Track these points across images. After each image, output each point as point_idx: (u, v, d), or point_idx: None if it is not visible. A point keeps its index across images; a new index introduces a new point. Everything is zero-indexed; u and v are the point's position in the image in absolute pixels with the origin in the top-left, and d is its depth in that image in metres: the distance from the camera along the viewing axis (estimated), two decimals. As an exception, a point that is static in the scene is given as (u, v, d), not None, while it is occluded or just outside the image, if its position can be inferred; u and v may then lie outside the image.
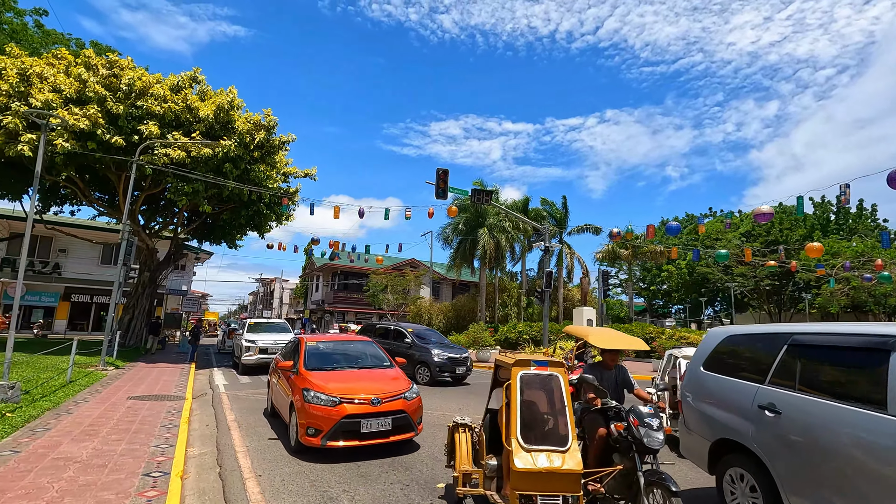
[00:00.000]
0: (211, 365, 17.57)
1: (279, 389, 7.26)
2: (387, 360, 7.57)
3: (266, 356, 14.06)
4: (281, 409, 7.12)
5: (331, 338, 8.08)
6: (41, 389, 8.31)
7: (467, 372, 13.31)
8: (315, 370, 6.65)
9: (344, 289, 49.70)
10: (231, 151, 16.70)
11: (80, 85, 15.38)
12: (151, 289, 20.91)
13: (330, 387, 6.02)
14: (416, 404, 6.31)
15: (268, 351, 14.17)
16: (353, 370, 6.99)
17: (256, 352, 14.10)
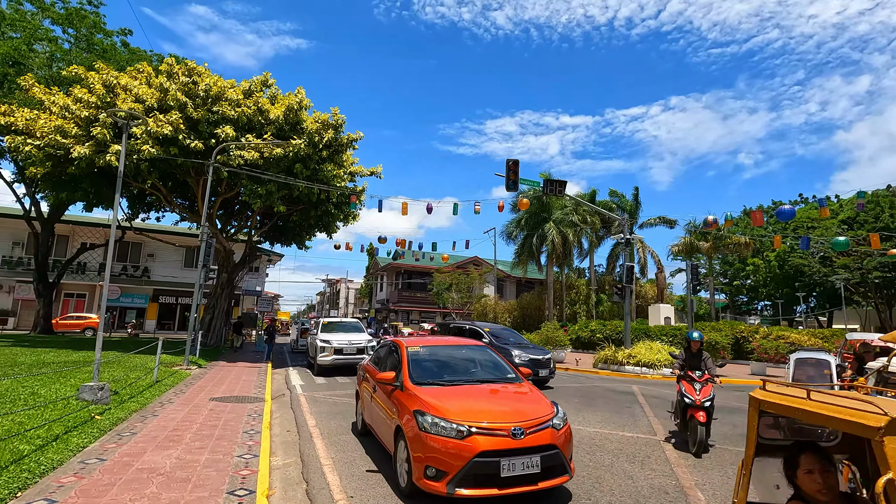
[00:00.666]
0: (286, 364, 17.74)
1: (375, 406, 5.86)
2: (510, 371, 5.87)
3: (341, 357, 13.81)
4: (381, 433, 5.65)
5: (434, 341, 6.64)
6: (129, 390, 8.33)
7: (550, 375, 12.32)
8: (425, 384, 5.19)
9: (408, 288, 49.86)
10: (301, 151, 16.73)
11: (161, 94, 15.97)
12: (229, 289, 21.58)
13: (451, 409, 4.49)
14: (567, 435, 4.63)
15: (343, 352, 13.87)
16: (474, 385, 5.37)
17: (331, 352, 13.75)
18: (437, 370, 5.70)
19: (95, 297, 34.55)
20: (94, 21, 22.65)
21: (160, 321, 36.74)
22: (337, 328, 15.37)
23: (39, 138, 14.70)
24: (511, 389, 5.33)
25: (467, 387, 5.30)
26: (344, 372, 14.13)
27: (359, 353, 13.98)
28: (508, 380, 5.64)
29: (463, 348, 6.48)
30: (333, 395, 10.32)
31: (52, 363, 10.70)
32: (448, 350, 6.36)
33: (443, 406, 4.56)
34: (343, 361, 13.84)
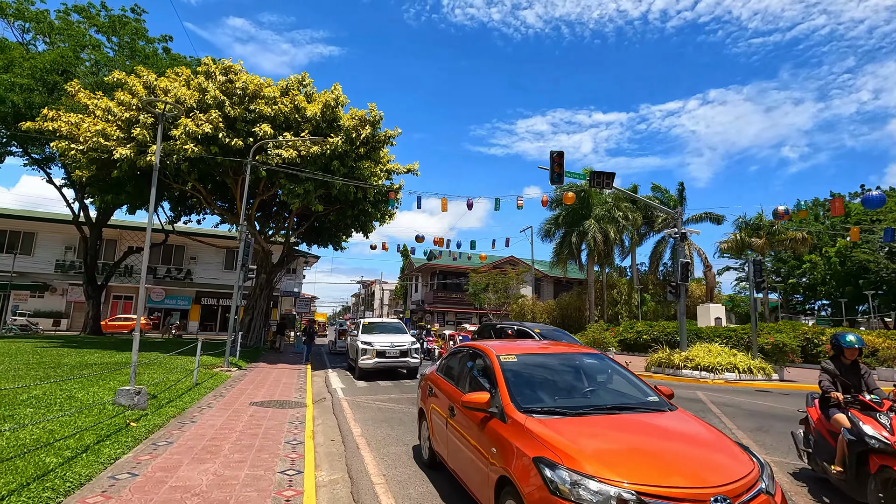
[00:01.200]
0: (325, 366, 17.40)
1: (454, 437, 4.25)
2: (650, 392, 4.06)
3: (384, 360, 13.07)
4: (467, 479, 3.97)
5: (529, 348, 4.97)
6: (168, 393, 7.97)
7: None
8: (539, 413, 3.45)
9: (443, 288, 49.33)
10: (338, 148, 16.38)
11: (199, 94, 15.92)
12: (268, 290, 21.52)
13: (595, 456, 2.86)
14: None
15: (385, 354, 13.11)
16: (611, 416, 3.52)
17: (373, 355, 12.98)
18: (548, 391, 3.98)
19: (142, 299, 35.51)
20: (136, 28, 23.09)
21: (202, 322, 37.49)
22: (378, 329, 14.64)
23: (83, 142, 14.87)
24: (668, 423, 3.50)
25: (600, 417, 3.46)
26: (386, 375, 13.58)
27: (402, 356, 13.28)
28: (652, 405, 3.80)
29: (573, 358, 4.63)
30: (377, 400, 9.74)
31: (94, 364, 10.59)
32: (553, 360, 4.61)
33: (580, 451, 2.88)
34: (386, 364, 13.14)
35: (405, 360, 13.29)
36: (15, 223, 33.37)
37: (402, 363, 13.33)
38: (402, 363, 13.33)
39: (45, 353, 12.78)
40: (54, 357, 11.69)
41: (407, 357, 13.30)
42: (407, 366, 13.45)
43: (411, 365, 13.44)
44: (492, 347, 4.63)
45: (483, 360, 4.49)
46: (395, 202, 19.25)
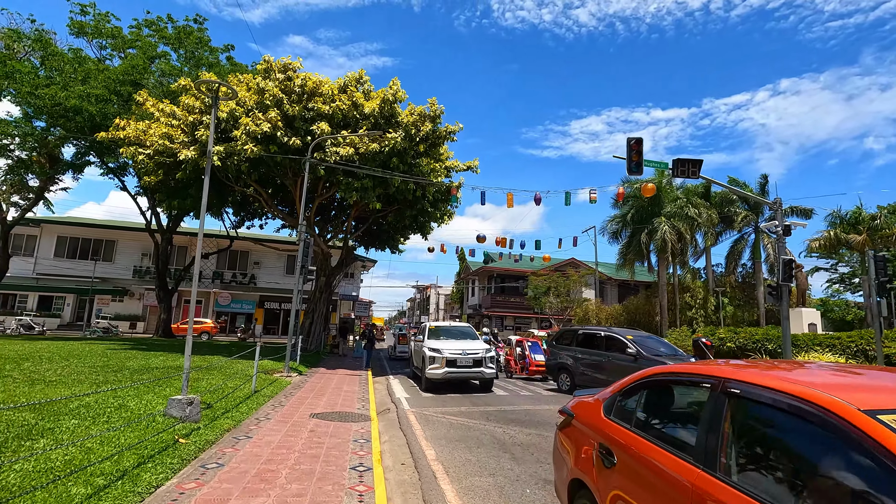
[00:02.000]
0: (385, 371, 16.67)
1: None
2: None
3: (455, 370, 11.49)
4: None
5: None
6: (224, 403, 7.33)
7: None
8: None
9: (501, 292, 47.97)
10: (398, 144, 15.68)
11: (258, 96, 15.75)
12: (327, 294, 21.21)
13: None
14: None
15: (456, 364, 11.49)
16: None
17: (443, 364, 11.38)
18: None
19: (210, 303, 36.86)
20: (199, 38, 23.71)
21: (266, 326, 38.32)
22: (446, 334, 12.99)
23: (149, 146, 15.04)
24: None
25: None
26: (454, 386, 12.20)
27: (475, 367, 11.64)
28: None
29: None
30: (447, 414, 8.71)
31: (156, 368, 10.32)
32: None
33: None
34: (457, 375, 11.57)
35: (479, 371, 11.67)
36: (98, 232, 35.61)
37: (476, 374, 11.74)
38: (475, 374, 11.74)
39: (113, 355, 12.83)
40: (120, 360, 11.61)
41: (481, 367, 11.67)
42: (481, 377, 11.87)
43: (486, 377, 11.82)
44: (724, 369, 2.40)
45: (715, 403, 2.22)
46: (455, 199, 18.25)
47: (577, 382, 11.69)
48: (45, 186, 24.93)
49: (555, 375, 12.82)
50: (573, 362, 11.99)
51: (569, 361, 12.15)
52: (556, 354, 12.85)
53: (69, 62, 19.76)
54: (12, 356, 11.14)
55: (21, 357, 10.99)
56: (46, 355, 11.64)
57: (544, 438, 6.85)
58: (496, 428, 7.55)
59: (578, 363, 11.83)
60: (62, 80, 19.07)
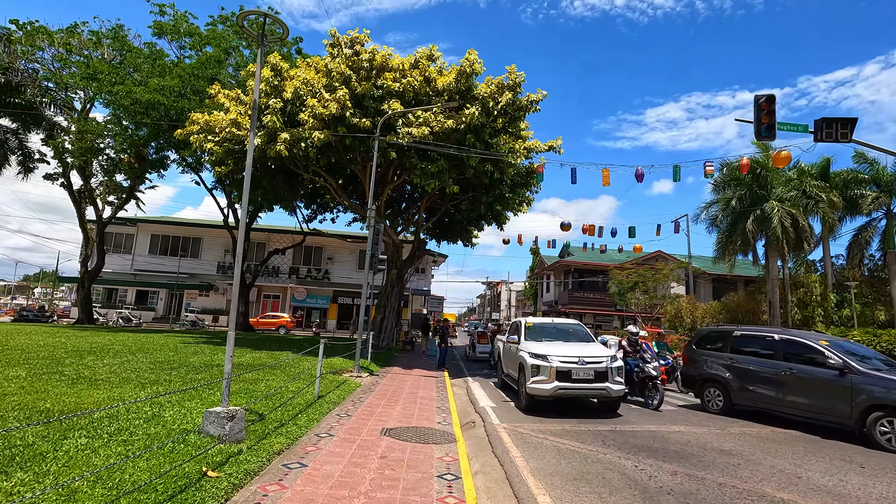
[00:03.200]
0: (462, 373, 15.13)
1: None
2: None
3: (571, 386, 8.15)
4: None
5: None
6: (281, 412, 6.06)
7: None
8: None
9: (579, 288, 44.96)
10: (475, 119, 14.05)
11: (327, 78, 14.78)
12: (399, 288, 20.08)
13: None
14: None
15: (571, 376, 8.16)
16: None
17: (552, 376, 8.11)
18: None
19: (287, 298, 37.56)
20: (270, 30, 23.51)
21: (339, 321, 38.46)
22: (551, 333, 9.78)
23: (217, 133, 14.57)
24: None
25: None
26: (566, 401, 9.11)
27: (598, 381, 8.28)
28: None
29: None
30: (548, 435, 6.91)
31: (218, 366, 9.46)
32: None
33: None
34: (573, 392, 8.26)
35: (604, 387, 8.29)
36: (186, 230, 37.47)
37: (599, 392, 8.37)
38: (597, 391, 8.38)
39: (183, 349, 12.34)
40: (186, 355, 10.98)
41: (605, 382, 8.30)
42: (606, 396, 8.42)
43: (613, 395, 8.36)
44: None
45: None
46: (540, 177, 16.29)
47: (736, 401, 9.01)
48: (135, 185, 26.07)
49: (697, 390, 9.88)
50: (729, 374, 9.16)
51: (722, 373, 9.30)
52: (700, 362, 9.89)
53: (146, 58, 20.15)
54: (85, 348, 10.86)
55: (91, 350, 10.66)
56: (118, 348, 11.29)
57: (702, 483, 4.87)
58: (623, 460, 5.66)
59: (737, 375, 9.02)
60: (141, 77, 19.44)
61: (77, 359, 8.93)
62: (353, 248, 37.77)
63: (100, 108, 23.68)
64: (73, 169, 24.40)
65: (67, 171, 24.79)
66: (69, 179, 25.14)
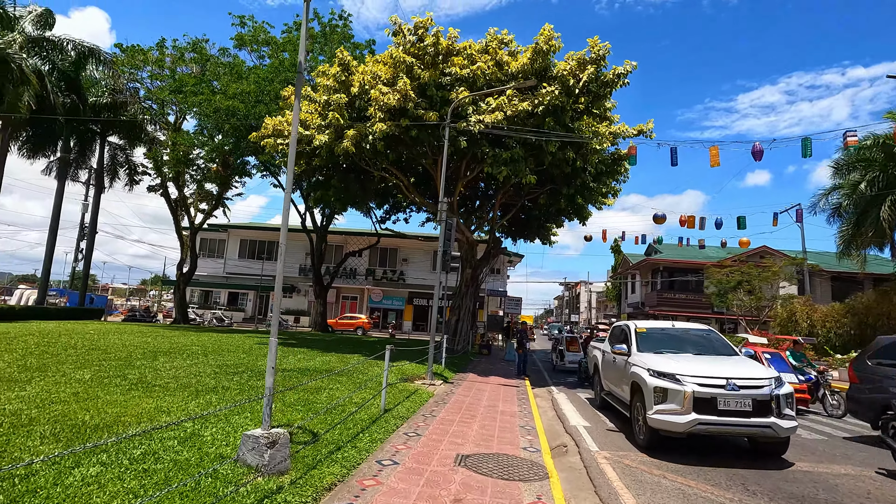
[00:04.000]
0: (545, 381, 13.75)
1: None
2: None
3: (718, 420, 5.66)
4: None
5: None
6: (338, 432, 5.21)
7: None
8: None
9: (669, 288, 41.26)
10: (553, 100, 12.68)
11: (393, 70, 14.14)
12: (474, 288, 19.05)
13: None
14: None
15: (716, 406, 5.70)
16: None
17: (687, 404, 5.69)
18: None
19: (364, 299, 38.06)
20: (344, 34, 23.62)
21: (415, 322, 38.31)
22: (671, 343, 7.36)
23: (287, 136, 14.44)
24: None
25: None
26: None
27: (759, 414, 5.73)
28: None
29: None
30: (667, 472, 5.46)
31: (286, 370, 8.96)
32: None
33: None
34: (721, 429, 5.76)
35: (768, 424, 5.70)
36: (270, 234, 39.33)
37: (762, 429, 5.75)
38: (759, 429, 5.76)
39: (256, 351, 12.18)
40: (256, 358, 10.69)
41: (769, 416, 5.74)
42: (773, 436, 5.82)
43: (782, 434, 5.77)
44: None
45: None
46: (632, 160, 14.48)
47: None
48: (223, 193, 27.43)
49: (874, 418, 7.21)
50: None
51: None
52: (880, 382, 7.45)
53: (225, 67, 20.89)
54: (164, 349, 10.95)
55: (168, 351, 10.71)
56: (194, 349, 11.30)
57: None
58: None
59: None
60: (221, 86, 20.15)
61: (149, 361, 8.84)
62: (427, 248, 37.46)
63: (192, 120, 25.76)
64: (169, 180, 26.15)
65: (165, 182, 26.60)
66: (167, 190, 26.96)
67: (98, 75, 24.97)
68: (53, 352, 9.05)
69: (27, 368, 7.04)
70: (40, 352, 9.00)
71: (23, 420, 4.35)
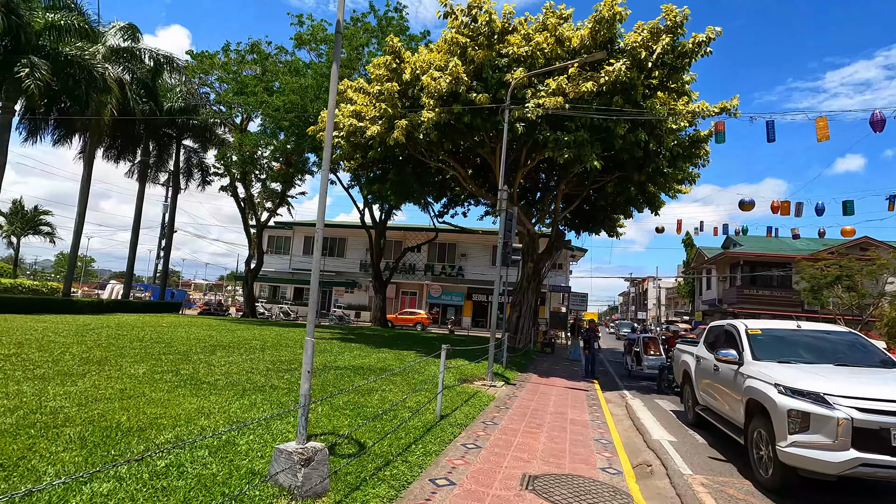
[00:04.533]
0: (615, 384, 12.64)
1: None
2: None
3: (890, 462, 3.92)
4: None
5: None
6: (388, 443, 4.65)
7: None
8: None
9: (751, 283, 37.80)
10: (621, 76, 11.49)
11: (446, 55, 13.49)
12: (536, 283, 18.08)
13: None
14: None
15: (889, 441, 3.98)
16: None
17: (842, 436, 4.06)
18: None
19: (423, 295, 37.97)
20: (399, 25, 23.32)
21: (474, 318, 37.72)
22: (802, 350, 5.86)
23: (341, 129, 14.21)
24: None
25: None
26: None
27: None
28: None
29: None
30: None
31: (340, 368, 8.62)
32: None
33: None
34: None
35: None
36: (333, 231, 40.20)
37: None
38: None
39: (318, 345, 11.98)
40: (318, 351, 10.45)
41: None
42: None
43: None
44: None
45: None
46: (720, 137, 12.94)
47: None
48: (286, 190, 28.17)
49: None
50: None
51: None
52: None
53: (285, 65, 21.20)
54: (224, 343, 11.04)
55: (228, 345, 10.77)
56: (254, 344, 11.33)
57: None
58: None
59: None
60: (281, 84, 20.47)
61: (207, 355, 8.81)
62: (486, 243, 36.69)
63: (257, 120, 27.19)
64: (237, 180, 27.19)
65: (233, 182, 27.71)
66: (236, 190, 28.09)
67: (173, 82, 26.37)
68: (120, 344, 9.29)
69: (89, 361, 7.14)
70: (108, 344, 9.27)
71: (58, 420, 4.15)
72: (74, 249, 22.19)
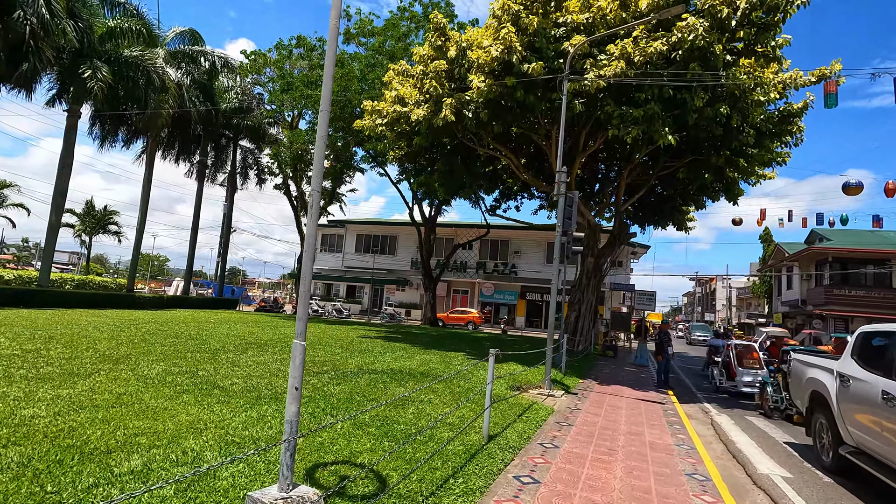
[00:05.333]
0: (691, 395, 10.99)
1: None
2: None
3: None
4: None
5: None
6: (419, 478, 3.62)
7: None
8: None
9: (842, 282, 33.74)
10: (697, 39, 9.87)
11: (496, 29, 12.33)
12: (597, 280, 16.54)
13: None
14: None
15: None
16: None
17: None
18: None
19: (474, 294, 36.88)
20: (446, 11, 22.41)
21: (528, 318, 36.19)
22: None
23: (385, 116, 13.40)
24: None
25: None
26: None
27: None
28: None
29: None
30: None
31: (378, 372, 7.71)
32: None
33: None
34: None
35: None
36: (384, 229, 40.04)
37: None
38: None
39: (355, 345, 11.31)
40: (351, 354, 9.68)
41: None
42: None
43: None
44: None
45: None
46: (832, 99, 10.94)
47: None
48: (336, 187, 28.02)
49: None
50: None
51: None
52: None
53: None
54: (262, 341, 10.52)
55: (266, 343, 10.24)
56: (292, 342, 10.72)
57: None
58: None
59: None
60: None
61: (236, 354, 8.22)
62: (539, 239, 35.05)
63: (307, 117, 27.68)
64: (289, 178, 27.35)
65: (286, 180, 27.90)
66: (288, 188, 28.28)
67: (229, 83, 26.89)
68: (151, 341, 8.92)
69: (107, 359, 6.66)
70: (140, 340, 8.93)
71: (18, 435, 3.45)
72: (137, 247, 22.98)
